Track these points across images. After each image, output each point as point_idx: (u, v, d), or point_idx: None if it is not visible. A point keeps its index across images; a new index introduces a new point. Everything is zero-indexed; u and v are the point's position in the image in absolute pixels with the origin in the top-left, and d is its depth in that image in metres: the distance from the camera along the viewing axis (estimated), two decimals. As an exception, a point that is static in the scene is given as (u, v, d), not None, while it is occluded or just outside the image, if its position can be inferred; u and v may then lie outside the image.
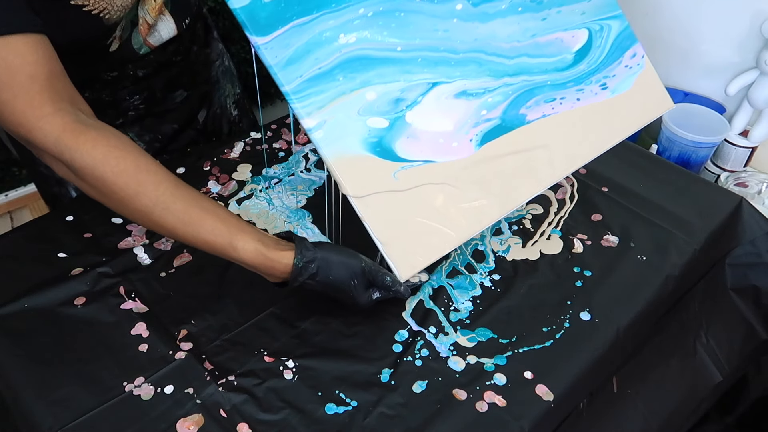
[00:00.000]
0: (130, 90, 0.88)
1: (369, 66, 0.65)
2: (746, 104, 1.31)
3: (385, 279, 0.66)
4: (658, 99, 0.84)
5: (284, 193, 0.90)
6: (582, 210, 0.89)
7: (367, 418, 0.62)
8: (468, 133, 0.70)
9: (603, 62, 0.80)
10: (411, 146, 0.66)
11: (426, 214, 0.66)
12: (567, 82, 0.77)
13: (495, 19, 0.73)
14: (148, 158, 0.63)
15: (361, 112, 0.65)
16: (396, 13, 0.67)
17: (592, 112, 0.78)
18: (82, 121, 0.62)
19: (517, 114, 0.73)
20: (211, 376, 0.65)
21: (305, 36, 0.62)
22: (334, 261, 0.65)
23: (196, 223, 0.62)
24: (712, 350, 0.90)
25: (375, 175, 0.64)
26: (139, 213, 0.62)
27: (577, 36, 0.78)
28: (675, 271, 0.80)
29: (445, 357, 0.68)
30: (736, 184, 1.25)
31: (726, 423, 1.05)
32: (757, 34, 1.25)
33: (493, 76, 0.72)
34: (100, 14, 0.72)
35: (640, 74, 0.82)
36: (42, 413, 0.61)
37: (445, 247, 0.67)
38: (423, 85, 0.68)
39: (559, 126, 0.76)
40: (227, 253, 0.63)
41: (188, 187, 0.65)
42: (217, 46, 1.03)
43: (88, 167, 0.60)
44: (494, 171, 0.70)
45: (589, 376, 0.70)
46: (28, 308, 0.71)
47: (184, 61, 0.93)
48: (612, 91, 0.80)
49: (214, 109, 1.04)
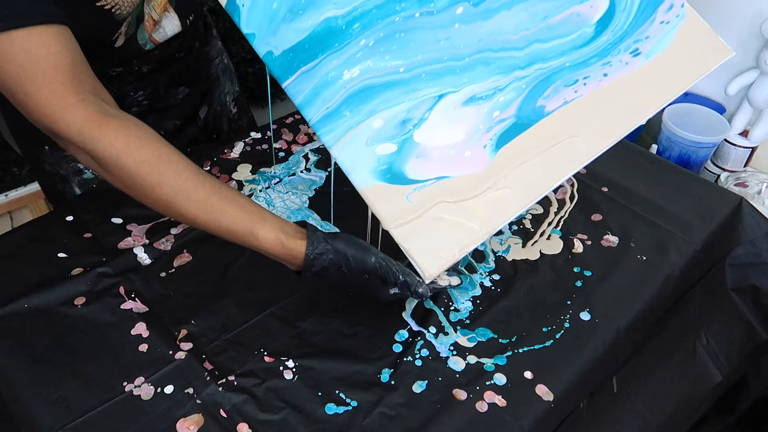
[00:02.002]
0: (134, 86, 0.88)
1: (373, 95, 0.65)
2: (746, 104, 1.31)
3: (398, 277, 0.65)
4: (710, 48, 0.72)
5: (285, 193, 0.90)
6: (582, 210, 0.89)
7: (367, 418, 0.62)
8: (481, 139, 0.66)
9: (631, 25, 0.70)
10: (421, 165, 0.65)
11: (446, 210, 0.64)
12: (589, 58, 0.69)
13: (499, 13, 0.69)
14: (170, 148, 0.64)
15: (369, 142, 0.64)
16: (396, 35, 0.66)
17: (625, 85, 0.69)
18: (105, 111, 0.62)
19: (534, 108, 0.67)
20: (211, 376, 0.65)
21: (312, 81, 0.65)
22: (346, 254, 0.64)
23: (217, 212, 0.63)
24: (712, 350, 0.90)
25: (387, 202, 0.63)
26: (162, 202, 0.63)
27: (596, 4, 0.70)
28: (675, 271, 0.80)
29: (445, 357, 0.68)
30: (736, 184, 1.25)
31: (726, 423, 1.05)
32: (757, 34, 1.25)
33: (503, 72, 0.68)
34: (112, 9, 0.73)
35: (682, 26, 0.71)
36: (42, 413, 0.61)
37: (470, 242, 0.64)
38: (429, 99, 0.66)
39: (587, 109, 0.68)
40: (248, 241, 0.64)
41: (209, 176, 0.65)
42: (216, 44, 1.04)
43: (110, 157, 0.61)
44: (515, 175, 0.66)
45: (589, 376, 0.70)
46: (28, 308, 0.71)
47: (187, 57, 0.94)
48: (647, 56, 0.70)
49: (214, 107, 1.05)
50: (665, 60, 0.70)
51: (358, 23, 0.66)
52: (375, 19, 0.66)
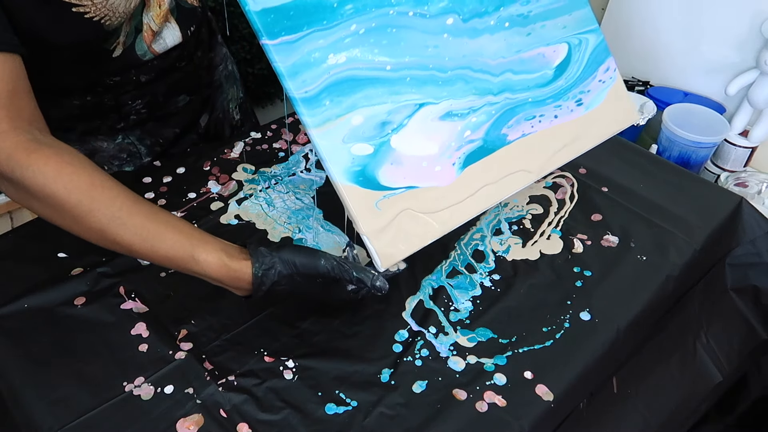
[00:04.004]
0: (133, 95, 0.87)
1: (357, 88, 0.63)
2: (746, 104, 1.31)
3: (352, 274, 0.64)
4: (627, 111, 0.84)
5: (285, 193, 0.90)
6: (582, 210, 0.89)
7: (367, 418, 0.62)
8: (451, 156, 0.69)
9: (579, 77, 0.79)
10: (394, 172, 0.65)
11: (411, 215, 0.66)
12: (547, 98, 0.77)
13: (483, 35, 0.71)
14: (104, 175, 0.61)
15: (346, 140, 0.63)
16: (388, 29, 0.65)
17: (567, 129, 0.78)
18: (37, 140, 0.60)
19: (498, 134, 0.72)
20: (211, 376, 0.65)
21: (293, 56, 0.60)
22: (294, 262, 0.62)
23: (154, 237, 0.60)
24: (712, 350, 0.90)
25: (359, 204, 0.63)
26: (94, 231, 0.60)
27: (558, 50, 0.78)
28: (675, 271, 0.80)
29: (445, 357, 0.68)
30: (736, 184, 1.25)
31: (726, 423, 1.05)
32: (757, 34, 1.25)
33: (478, 94, 0.71)
34: (101, 20, 0.72)
35: (612, 87, 0.82)
36: (42, 413, 0.61)
37: (427, 238, 0.66)
38: (410, 106, 0.66)
39: (537, 145, 0.75)
40: (189, 266, 0.61)
41: (147, 203, 0.62)
42: (221, 50, 1.03)
43: (39, 184, 0.58)
44: (473, 198, 0.70)
45: (589, 376, 0.70)
46: (28, 308, 0.71)
47: (188, 66, 0.93)
48: (586, 107, 0.80)
49: (216, 114, 1.04)
50: (597, 113, 0.81)
51: (351, 5, 0.62)
52: (369, 6, 0.64)
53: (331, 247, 0.81)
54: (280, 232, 0.83)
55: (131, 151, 0.93)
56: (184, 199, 0.88)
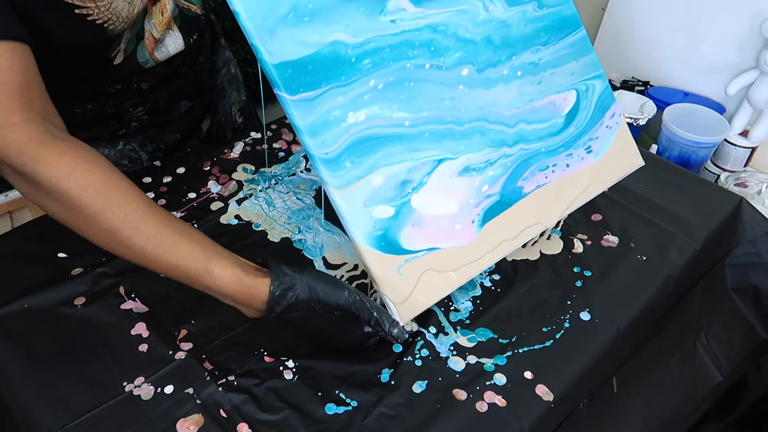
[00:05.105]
0: (134, 102, 0.87)
1: (377, 147, 0.62)
2: (746, 104, 1.31)
3: (372, 314, 0.61)
4: (633, 156, 0.85)
5: (285, 193, 0.90)
6: (582, 210, 0.88)
7: (367, 418, 0.62)
8: (470, 214, 0.68)
9: (588, 124, 0.79)
10: (415, 235, 0.64)
11: (431, 275, 0.66)
12: (558, 147, 0.76)
13: (498, 85, 0.71)
14: (120, 175, 0.59)
15: (367, 203, 0.61)
16: (406, 83, 0.63)
17: (579, 177, 0.78)
18: (51, 133, 0.58)
19: (514, 188, 0.72)
20: (211, 376, 0.65)
21: (312, 114, 0.58)
22: (316, 288, 0.59)
23: (168, 245, 0.57)
24: (712, 350, 0.90)
25: (382, 271, 0.62)
26: (105, 233, 0.57)
27: (567, 98, 0.77)
28: (675, 271, 0.80)
29: (445, 357, 0.68)
30: (736, 184, 1.25)
31: (726, 423, 1.05)
32: (757, 34, 1.25)
33: (494, 146, 0.70)
34: (105, 24, 0.71)
35: (618, 132, 0.82)
36: (42, 413, 0.61)
37: (446, 289, 0.66)
38: (429, 163, 0.65)
39: (552, 196, 0.75)
40: (202, 280, 0.58)
41: (163, 210, 0.60)
42: (224, 53, 1.02)
43: (52, 180, 0.56)
44: (492, 253, 0.70)
45: (589, 376, 0.70)
46: (28, 308, 0.71)
47: (190, 72, 0.92)
48: (596, 155, 0.79)
49: (218, 118, 1.03)
50: (606, 159, 0.81)
51: (369, 60, 0.61)
52: (387, 60, 0.62)
53: (331, 247, 0.81)
54: (280, 232, 0.83)
55: (132, 158, 0.93)
56: (184, 199, 0.88)
